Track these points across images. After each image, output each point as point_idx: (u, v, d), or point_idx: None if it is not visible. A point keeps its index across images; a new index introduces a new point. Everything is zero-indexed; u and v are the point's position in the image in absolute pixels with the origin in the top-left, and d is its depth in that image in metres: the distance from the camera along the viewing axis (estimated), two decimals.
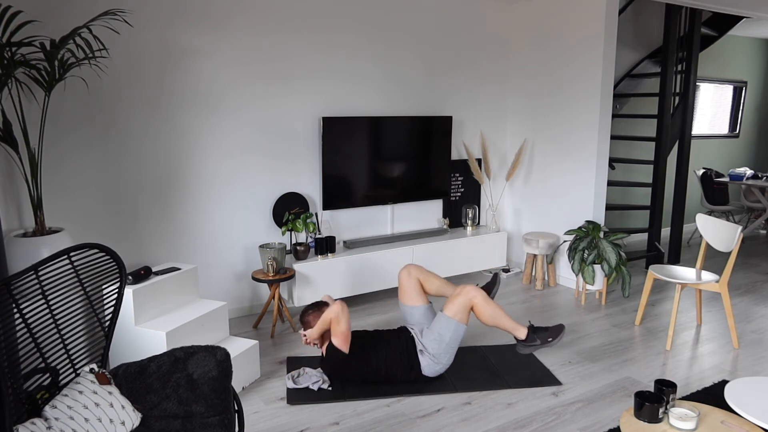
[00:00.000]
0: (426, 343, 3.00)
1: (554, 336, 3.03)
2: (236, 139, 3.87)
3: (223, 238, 3.92)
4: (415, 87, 4.60)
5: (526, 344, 3.06)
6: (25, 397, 1.85)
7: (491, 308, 3.01)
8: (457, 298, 3.00)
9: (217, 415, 1.98)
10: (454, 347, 3.01)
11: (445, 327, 2.98)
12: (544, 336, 3.04)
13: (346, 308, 2.89)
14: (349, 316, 2.92)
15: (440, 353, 2.98)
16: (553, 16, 4.63)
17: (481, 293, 3.01)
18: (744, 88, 7.14)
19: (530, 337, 3.05)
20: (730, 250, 3.44)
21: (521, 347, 3.07)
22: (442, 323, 2.99)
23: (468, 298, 2.99)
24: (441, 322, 3.00)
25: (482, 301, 2.99)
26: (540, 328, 3.08)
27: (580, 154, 4.55)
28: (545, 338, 3.03)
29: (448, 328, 2.97)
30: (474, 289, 3.01)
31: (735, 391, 2.27)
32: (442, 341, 2.97)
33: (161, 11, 3.48)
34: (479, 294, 3.00)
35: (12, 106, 3.06)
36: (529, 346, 3.05)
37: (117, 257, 2.18)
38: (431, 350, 2.98)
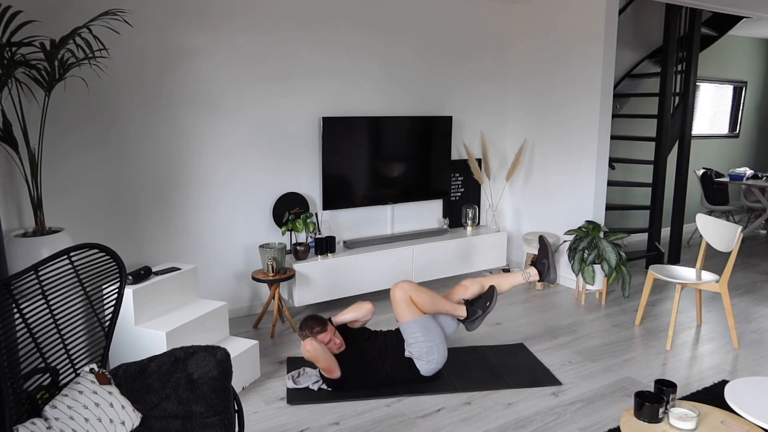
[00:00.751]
0: (411, 351, 3.01)
1: (489, 299, 3.10)
2: (236, 139, 3.87)
3: (223, 238, 3.92)
4: (415, 87, 4.61)
5: (470, 320, 3.11)
6: (25, 397, 1.85)
7: (426, 296, 3.00)
8: (395, 302, 2.99)
9: (217, 415, 1.98)
10: (433, 339, 2.97)
11: (409, 331, 2.99)
12: (481, 303, 3.11)
13: (318, 345, 2.80)
14: (324, 351, 2.82)
15: (426, 352, 2.98)
16: (553, 16, 4.63)
17: (411, 285, 2.99)
18: (744, 88, 7.14)
19: (470, 312, 3.09)
20: (730, 250, 3.44)
21: (468, 325, 3.12)
22: (406, 329, 3.00)
23: (402, 294, 2.97)
24: (405, 329, 3.01)
25: (416, 292, 2.98)
26: (475, 299, 3.14)
27: (580, 154, 4.55)
28: (483, 305, 3.10)
29: (414, 329, 2.98)
30: (402, 284, 2.99)
31: (735, 391, 2.27)
32: (418, 342, 2.98)
33: (161, 11, 3.48)
34: (409, 286, 2.99)
35: (12, 106, 3.06)
36: (473, 320, 3.10)
37: (117, 257, 2.18)
38: (417, 354, 2.99)
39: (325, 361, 2.84)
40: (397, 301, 2.98)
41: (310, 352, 2.79)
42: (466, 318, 3.11)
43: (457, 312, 3.09)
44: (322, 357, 2.82)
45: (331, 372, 2.88)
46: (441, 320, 3.12)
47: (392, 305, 3.01)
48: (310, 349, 2.79)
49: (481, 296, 3.15)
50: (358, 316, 3.11)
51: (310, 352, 2.79)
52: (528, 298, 4.48)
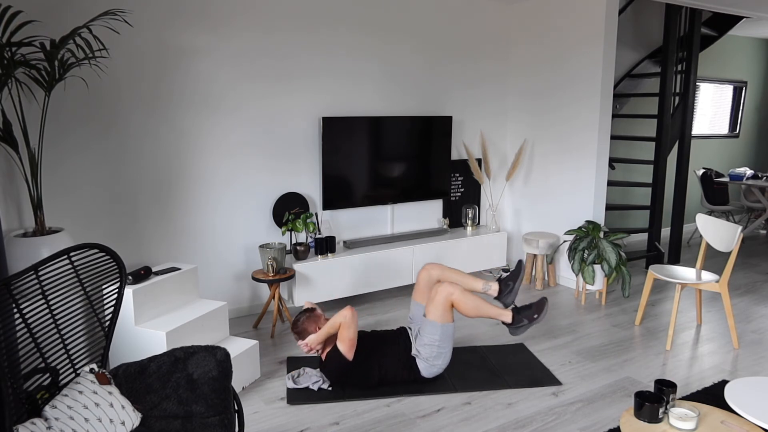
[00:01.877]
0: (419, 348, 3.00)
1: (539, 311, 3.04)
2: (236, 139, 3.87)
3: (223, 238, 3.92)
4: (415, 87, 4.61)
5: (514, 327, 3.07)
6: (25, 397, 1.85)
7: (472, 301, 2.96)
8: (434, 299, 2.96)
9: (217, 415, 1.98)
10: (447, 347, 2.99)
11: (431, 331, 2.97)
12: (529, 314, 3.06)
13: (356, 315, 2.90)
14: (357, 323, 2.92)
15: (434, 356, 2.97)
16: (553, 16, 4.63)
17: (457, 288, 2.95)
18: (744, 88, 7.14)
19: (516, 319, 3.06)
20: (730, 250, 3.44)
21: (512, 331, 3.09)
22: (429, 329, 2.97)
23: (445, 297, 2.94)
24: (427, 327, 2.98)
25: (461, 296, 2.94)
26: (524, 308, 3.09)
27: (580, 154, 4.55)
28: (531, 316, 3.05)
29: (435, 332, 2.96)
30: (449, 285, 2.96)
31: (735, 391, 2.27)
32: (433, 345, 2.96)
33: (161, 11, 3.48)
34: (455, 289, 2.95)
35: (12, 106, 3.06)
36: (518, 327, 3.07)
37: (117, 257, 2.18)
38: (425, 354, 2.98)
39: (355, 330, 2.88)
40: (437, 300, 2.95)
41: (348, 317, 2.85)
42: (511, 324, 3.07)
43: (501, 317, 3.06)
44: (354, 326, 2.88)
45: (351, 348, 2.90)
46: None
47: (430, 300, 2.97)
48: (348, 314, 2.86)
49: (531, 305, 3.09)
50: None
51: (349, 318, 2.85)
52: (528, 298, 4.48)
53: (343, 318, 2.87)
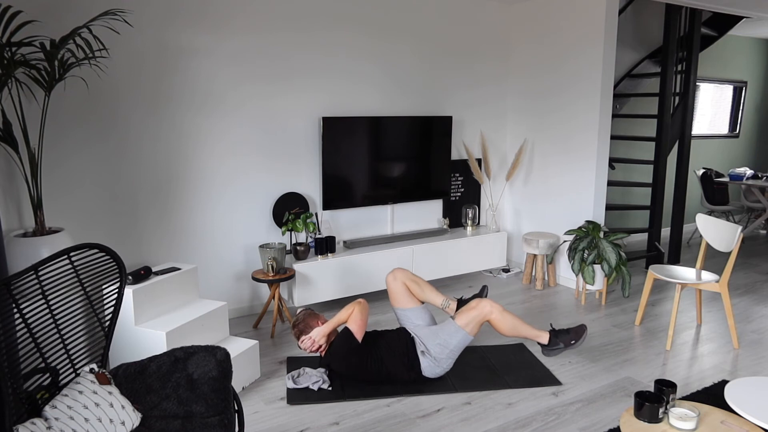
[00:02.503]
0: (429, 345, 3.00)
1: (577, 338, 3.06)
2: (236, 139, 3.87)
3: (223, 238, 3.92)
4: (415, 87, 4.61)
5: (549, 349, 3.10)
6: (25, 397, 1.85)
7: (510, 320, 3.03)
8: (472, 311, 3.00)
9: (217, 415, 1.98)
10: (456, 354, 3.02)
11: (453, 335, 2.98)
12: (566, 339, 3.07)
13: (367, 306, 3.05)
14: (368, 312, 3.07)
15: (442, 358, 2.98)
16: (553, 16, 4.63)
17: (497, 307, 3.02)
18: (744, 88, 7.14)
19: (552, 341, 3.08)
20: (730, 250, 3.44)
21: (546, 352, 3.12)
22: (451, 330, 2.99)
23: (483, 314, 3.00)
24: (450, 328, 3.00)
25: (499, 315, 3.02)
26: (562, 331, 3.10)
27: (580, 154, 4.55)
28: (568, 341, 3.07)
29: (456, 337, 2.98)
30: (489, 304, 3.02)
31: (735, 391, 2.27)
32: (446, 347, 2.98)
33: (161, 11, 3.48)
34: (495, 308, 3.01)
35: (12, 106, 3.06)
36: (552, 350, 3.09)
37: (117, 257, 2.18)
38: (434, 353, 2.98)
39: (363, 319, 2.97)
40: (475, 312, 3.00)
41: (360, 303, 2.99)
42: (547, 345, 3.11)
43: (539, 339, 3.10)
44: (366, 312, 3.00)
45: (361, 330, 2.96)
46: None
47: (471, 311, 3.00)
48: (362, 301, 3.01)
49: (569, 330, 3.11)
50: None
51: (361, 303, 2.99)
52: (528, 298, 4.48)
53: (357, 303, 3.00)
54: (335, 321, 3.01)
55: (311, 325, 3.06)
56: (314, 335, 3.00)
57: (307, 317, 3.09)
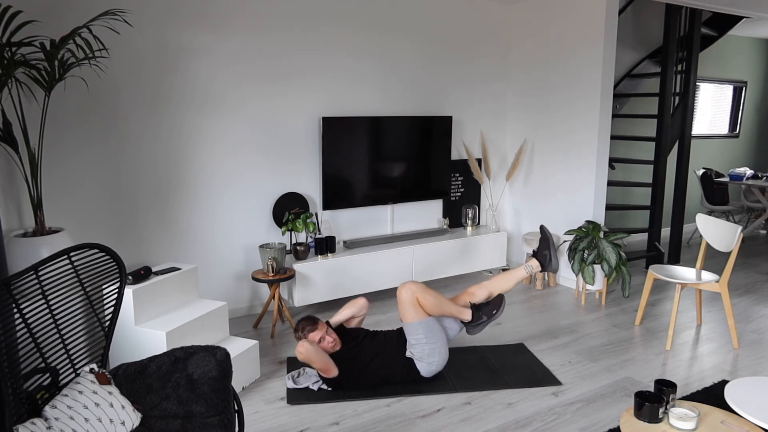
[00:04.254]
0: (412, 351, 3.01)
1: (497, 307, 3.09)
2: (236, 139, 3.87)
3: (223, 238, 3.92)
4: (415, 87, 4.61)
5: (474, 324, 3.10)
6: (25, 397, 1.85)
7: (432, 297, 2.98)
8: (401, 302, 2.97)
9: (217, 415, 1.98)
10: (436, 341, 2.97)
11: (414, 332, 2.98)
12: (488, 310, 3.09)
13: (310, 346, 2.80)
14: (317, 351, 2.82)
15: (427, 354, 2.98)
16: (553, 16, 4.63)
17: (419, 286, 2.97)
18: (744, 88, 7.14)
19: (476, 316, 3.09)
20: (730, 250, 3.44)
21: (470, 329, 3.12)
22: (411, 330, 2.99)
23: (409, 295, 2.95)
24: (409, 330, 2.99)
25: (422, 294, 2.96)
26: (482, 305, 3.12)
27: (580, 154, 4.55)
28: (489, 312, 3.09)
29: (418, 330, 2.96)
30: (410, 285, 2.97)
31: (735, 391, 2.27)
32: (420, 343, 2.97)
33: (161, 11, 3.48)
34: (417, 287, 2.96)
35: (12, 106, 3.06)
36: (477, 325, 3.10)
37: (117, 257, 2.18)
38: (418, 355, 2.99)
39: (319, 361, 2.83)
40: (403, 301, 2.97)
41: (303, 354, 2.80)
42: (470, 322, 3.10)
43: (461, 315, 3.08)
44: (315, 357, 2.81)
45: (328, 371, 2.89)
46: (444, 323, 3.11)
47: (398, 305, 3.01)
48: (302, 351, 2.79)
49: (488, 302, 3.13)
50: (354, 312, 3.21)
51: (303, 354, 2.80)
52: (528, 298, 4.48)
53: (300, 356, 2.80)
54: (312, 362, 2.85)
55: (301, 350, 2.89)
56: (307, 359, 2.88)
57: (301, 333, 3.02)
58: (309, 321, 3.04)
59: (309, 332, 2.99)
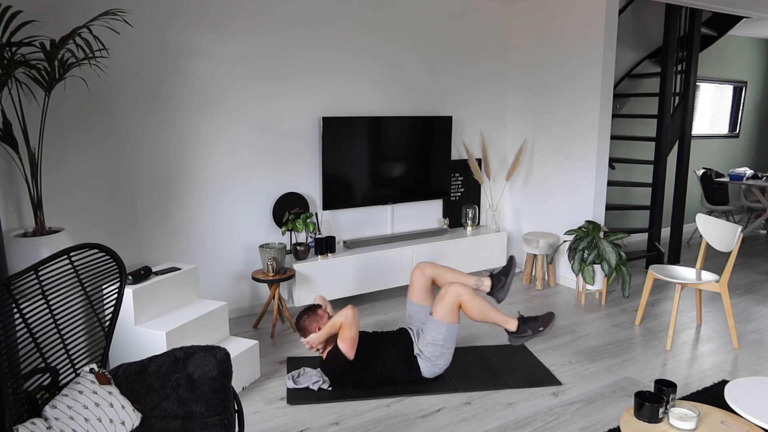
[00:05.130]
0: (421, 347, 2.99)
1: (545, 325, 3.02)
2: (236, 139, 3.87)
3: (223, 238, 3.92)
4: (415, 87, 4.61)
5: (517, 336, 3.05)
6: (25, 397, 1.85)
7: (479, 304, 2.96)
8: (443, 299, 2.95)
9: (217, 415, 1.98)
10: (450, 348, 2.99)
11: (437, 330, 2.96)
12: (534, 326, 3.04)
13: (357, 314, 2.89)
14: (359, 322, 2.90)
15: (436, 356, 2.97)
16: (553, 16, 4.63)
17: (467, 290, 2.95)
18: (744, 88, 7.14)
19: (521, 328, 3.04)
20: (730, 250, 3.44)
21: (513, 339, 3.08)
22: (434, 327, 2.97)
23: (454, 297, 2.94)
24: (432, 326, 2.97)
25: (469, 297, 2.94)
26: (530, 318, 3.07)
27: (580, 154, 4.55)
28: (536, 328, 3.03)
29: (440, 331, 2.95)
30: (459, 287, 2.95)
31: (735, 391, 2.27)
32: (436, 345, 2.96)
33: (161, 11, 3.48)
34: (465, 291, 2.94)
35: (12, 106, 3.06)
36: (520, 337, 3.05)
37: (117, 257, 2.18)
38: (427, 354, 2.97)
39: (356, 330, 2.88)
40: (446, 300, 2.94)
41: (348, 317, 2.84)
42: (514, 332, 3.06)
43: (506, 324, 3.05)
44: (355, 326, 2.87)
45: (352, 347, 2.89)
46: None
47: (438, 298, 2.96)
48: (349, 314, 2.85)
49: (537, 318, 3.07)
50: None
51: (349, 317, 2.84)
52: (528, 298, 4.48)
53: (344, 318, 2.86)
54: (328, 329, 2.93)
55: (309, 329, 3.03)
56: (311, 341, 2.97)
57: (307, 319, 3.05)
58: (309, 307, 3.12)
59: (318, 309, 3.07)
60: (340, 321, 2.87)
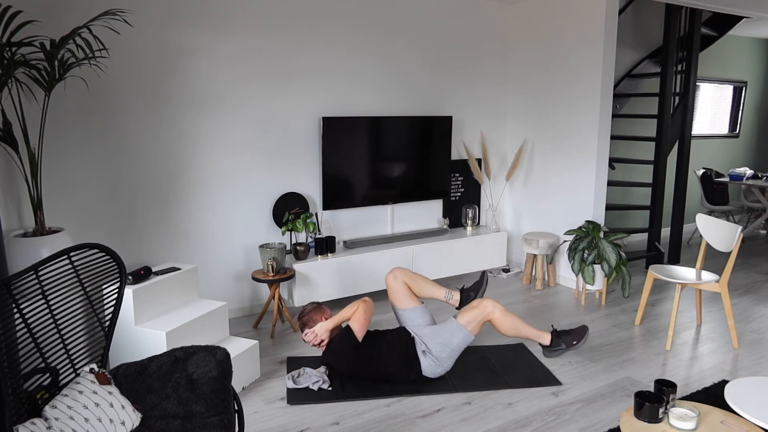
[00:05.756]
0: (430, 345, 3.00)
1: (579, 338, 3.07)
2: (236, 139, 3.87)
3: (223, 238, 3.92)
4: (415, 87, 4.61)
5: (551, 350, 3.11)
6: (25, 397, 1.85)
7: (511, 320, 3.04)
8: (473, 310, 3.02)
9: (217, 415, 1.98)
10: (457, 353, 3.03)
11: (455, 334, 2.99)
12: (568, 340, 3.08)
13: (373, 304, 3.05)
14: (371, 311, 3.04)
15: (444, 357, 2.98)
16: (553, 16, 4.63)
17: (499, 307, 3.04)
18: (744, 88, 7.14)
19: (555, 342, 3.09)
20: (730, 250, 3.44)
21: (547, 353, 3.12)
22: (453, 329, 3.00)
23: (485, 313, 3.02)
24: (452, 328, 3.00)
25: (501, 315, 3.03)
26: (563, 332, 3.11)
27: (580, 154, 4.55)
28: (570, 342, 3.07)
29: (458, 336, 2.99)
30: (492, 304, 3.03)
31: (735, 391, 2.27)
32: (447, 346, 2.98)
33: (161, 11, 3.48)
34: (497, 308, 3.02)
35: (12, 106, 3.06)
36: (554, 351, 3.10)
37: (117, 257, 2.18)
38: (435, 353, 2.98)
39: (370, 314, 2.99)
40: (477, 311, 3.01)
41: (366, 302, 2.98)
42: (548, 346, 3.11)
43: (540, 339, 3.11)
44: (371, 310, 3.00)
45: (363, 329, 2.96)
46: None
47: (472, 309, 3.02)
48: (367, 299, 3.00)
49: (571, 331, 3.11)
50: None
51: (367, 302, 2.98)
52: (528, 298, 4.48)
53: (363, 302, 2.99)
54: (339, 317, 3.03)
55: (315, 319, 3.10)
56: (317, 329, 3.02)
57: (312, 311, 3.13)
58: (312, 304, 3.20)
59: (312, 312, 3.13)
60: (356, 306, 2.99)
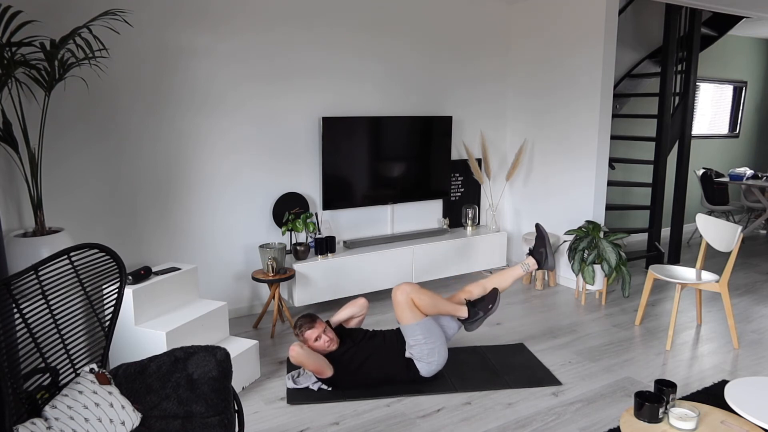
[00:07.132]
0: (412, 352, 3.01)
1: (492, 301, 3.10)
2: (236, 139, 3.87)
3: (223, 238, 3.92)
4: (415, 87, 4.61)
5: (471, 321, 3.11)
6: (25, 397, 1.85)
7: (427, 297, 2.97)
8: (398, 305, 2.95)
9: (217, 415, 1.98)
10: (435, 341, 2.98)
11: (411, 333, 2.98)
12: (483, 305, 3.11)
13: (301, 350, 2.80)
14: (308, 354, 2.82)
15: (426, 353, 2.98)
16: (553, 16, 4.63)
17: (413, 287, 2.96)
18: (744, 88, 7.14)
19: (472, 312, 3.10)
20: (730, 250, 3.44)
21: (468, 325, 3.13)
22: (409, 332, 2.99)
23: (404, 297, 2.94)
24: (407, 332, 2.99)
25: (417, 294, 2.95)
26: (477, 300, 3.13)
27: (580, 154, 4.55)
28: (485, 307, 3.10)
29: (415, 332, 2.97)
30: (405, 285, 2.96)
31: (735, 391, 2.27)
32: (419, 344, 2.97)
33: (161, 11, 3.48)
34: (411, 288, 2.95)
35: (12, 106, 3.06)
36: (474, 321, 3.11)
37: (117, 257, 2.18)
38: (418, 355, 2.99)
39: (311, 363, 2.83)
40: (398, 303, 2.97)
41: (294, 357, 2.80)
42: (467, 318, 3.11)
43: (458, 312, 3.08)
44: (306, 360, 2.81)
45: (322, 373, 2.89)
46: (442, 321, 3.11)
47: (394, 307, 3.01)
48: (294, 354, 2.80)
49: (483, 298, 3.15)
50: (354, 312, 3.20)
51: (295, 358, 2.80)
52: (528, 298, 4.48)
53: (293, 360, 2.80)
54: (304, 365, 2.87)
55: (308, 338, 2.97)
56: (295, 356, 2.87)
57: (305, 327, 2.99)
58: (308, 319, 3.02)
59: (307, 329, 2.97)
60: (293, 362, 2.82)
